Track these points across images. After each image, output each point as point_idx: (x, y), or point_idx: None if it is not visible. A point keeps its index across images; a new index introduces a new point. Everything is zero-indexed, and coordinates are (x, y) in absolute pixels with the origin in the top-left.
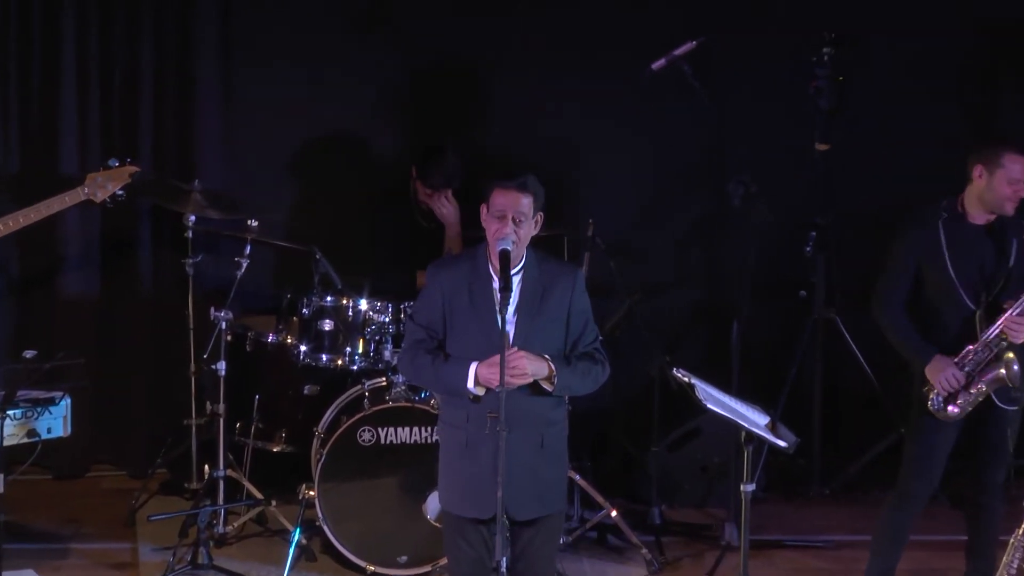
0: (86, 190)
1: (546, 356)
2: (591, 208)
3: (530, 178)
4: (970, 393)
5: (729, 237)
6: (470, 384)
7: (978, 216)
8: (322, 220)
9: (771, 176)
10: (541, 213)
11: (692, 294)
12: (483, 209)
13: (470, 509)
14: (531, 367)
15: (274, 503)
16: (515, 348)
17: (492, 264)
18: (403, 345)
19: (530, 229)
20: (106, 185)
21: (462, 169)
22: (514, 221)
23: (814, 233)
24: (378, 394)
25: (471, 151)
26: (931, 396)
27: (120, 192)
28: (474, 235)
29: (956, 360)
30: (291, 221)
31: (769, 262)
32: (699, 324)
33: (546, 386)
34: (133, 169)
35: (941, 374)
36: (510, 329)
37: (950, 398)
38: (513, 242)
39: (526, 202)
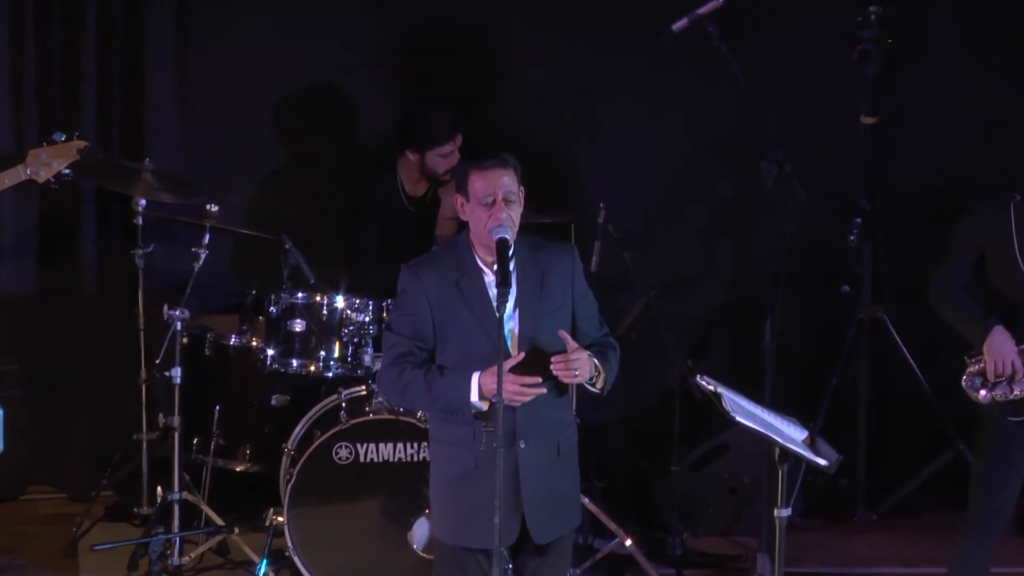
0: (28, 170)
1: (589, 353)
2: (602, 192)
3: (506, 154)
4: (1011, 389)
5: (761, 224)
6: (473, 397)
7: None
8: (293, 205)
9: (809, 154)
10: (522, 188)
11: (718, 290)
12: (458, 201)
13: (479, 539)
14: (583, 354)
15: (237, 530)
16: (576, 346)
17: (479, 256)
18: (383, 361)
19: (520, 208)
20: (50, 163)
21: (454, 122)
22: (505, 203)
23: (859, 219)
24: (357, 405)
25: (468, 127)
26: (968, 369)
27: (67, 171)
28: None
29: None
30: (257, 206)
31: (807, 253)
32: (726, 324)
33: (592, 388)
34: (82, 144)
35: (1000, 354)
36: (513, 326)
37: (987, 381)
38: (510, 227)
39: (509, 179)
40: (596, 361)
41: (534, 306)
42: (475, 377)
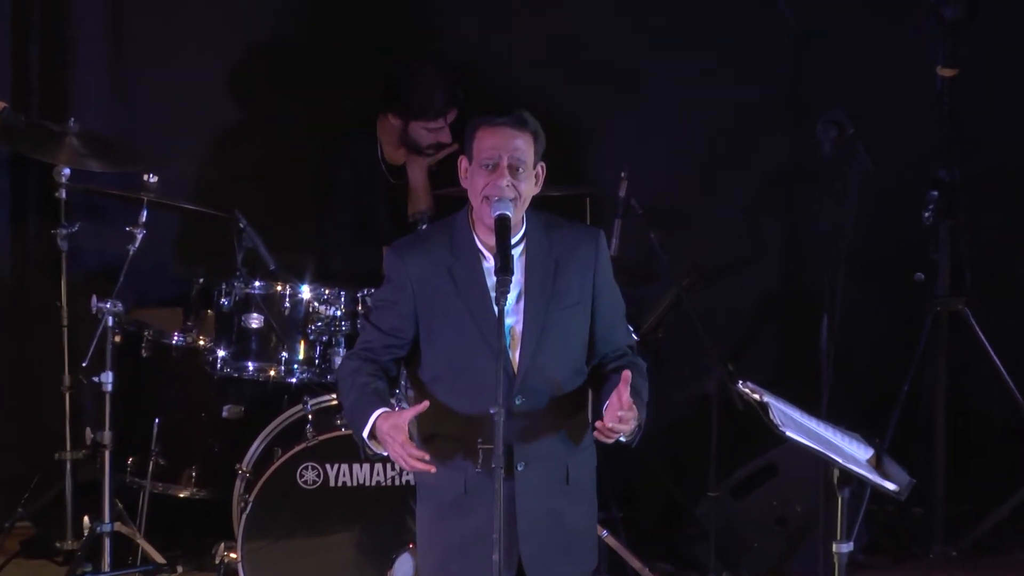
0: None
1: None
2: (625, 159)
3: (526, 114)
4: None
5: (817, 198)
6: (365, 432)
7: None
8: (249, 175)
9: (876, 114)
10: (543, 164)
11: (765, 278)
12: (462, 164)
13: None
14: (636, 409)
15: (180, 569)
16: (628, 400)
17: (479, 237)
18: (350, 351)
19: (531, 184)
20: None
21: (451, 94)
22: (511, 170)
23: (935, 192)
24: (326, 417)
25: (466, 88)
26: None
27: None
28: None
29: None
30: (205, 176)
31: (873, 233)
32: (775, 320)
33: (621, 439)
34: (0, 105)
35: None
36: (517, 325)
37: None
38: (512, 200)
39: (524, 144)
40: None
41: (543, 300)
42: (375, 414)
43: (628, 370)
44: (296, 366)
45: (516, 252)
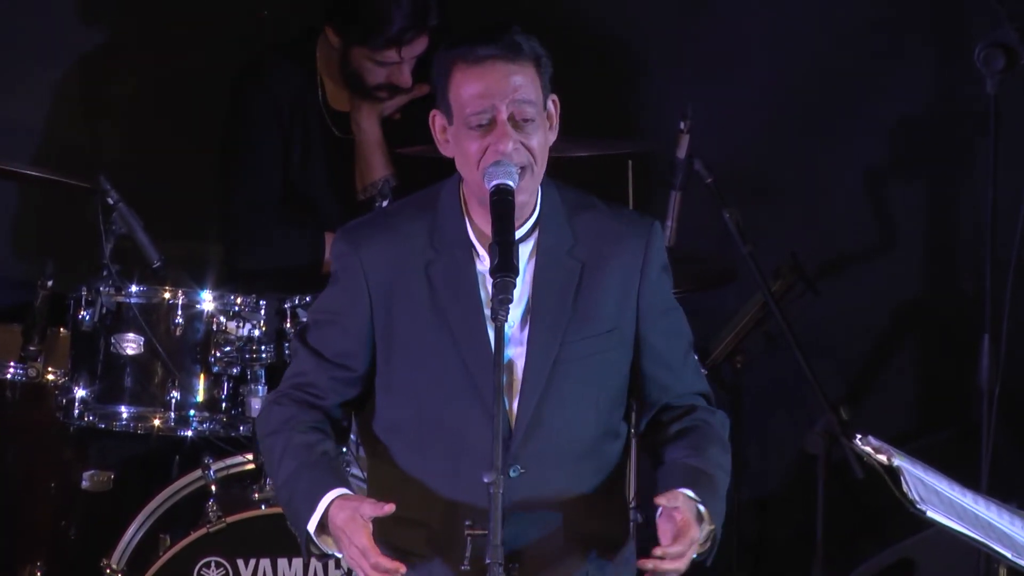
0: None
1: (693, 495)
2: (686, 102)
3: (518, 33)
4: None
5: (973, 164)
6: (311, 525)
7: None
8: (121, 125)
9: None
10: (554, 98)
11: (897, 280)
12: (435, 121)
13: None
14: (694, 534)
15: None
16: (678, 530)
17: (473, 222)
18: (275, 390)
19: (544, 133)
20: None
21: (420, 14)
22: (515, 125)
23: None
24: (237, 489)
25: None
26: None
27: None
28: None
29: None
30: (55, 127)
31: None
32: (910, 342)
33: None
34: None
35: None
36: (518, 358)
37: None
38: (522, 167)
39: (525, 80)
40: (696, 498)
41: (557, 322)
42: (327, 498)
43: (679, 490)
44: (193, 413)
45: (524, 249)
